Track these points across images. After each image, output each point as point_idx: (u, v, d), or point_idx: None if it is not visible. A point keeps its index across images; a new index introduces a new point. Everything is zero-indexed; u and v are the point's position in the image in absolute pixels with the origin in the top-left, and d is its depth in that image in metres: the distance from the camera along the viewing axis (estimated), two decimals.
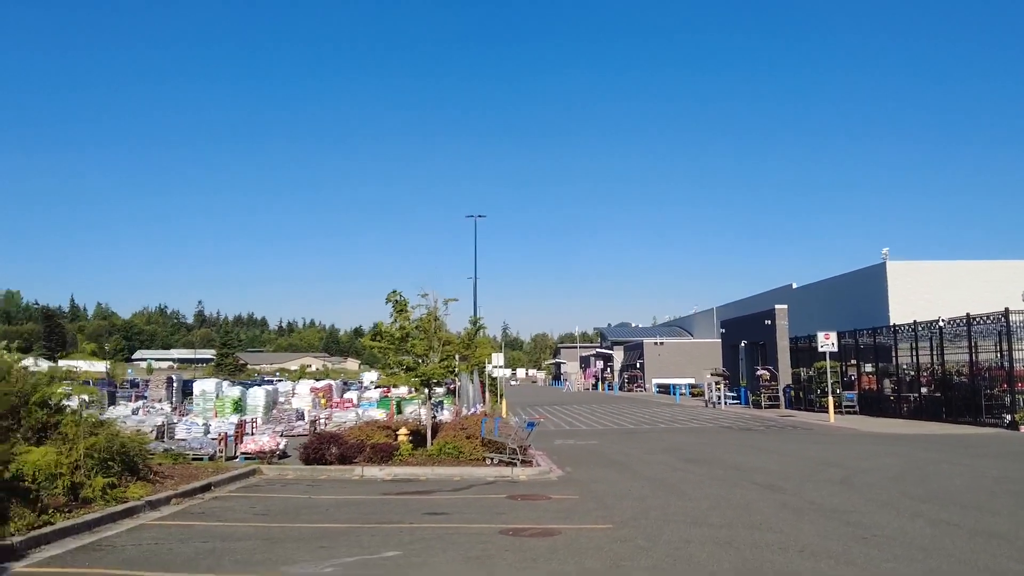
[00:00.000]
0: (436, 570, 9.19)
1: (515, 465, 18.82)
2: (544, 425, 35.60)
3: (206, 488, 15.86)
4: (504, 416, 35.23)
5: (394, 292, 21.19)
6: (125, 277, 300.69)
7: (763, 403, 49.61)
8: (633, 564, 9.51)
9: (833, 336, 39.55)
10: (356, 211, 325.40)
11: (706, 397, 57.95)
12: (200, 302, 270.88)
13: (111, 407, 39.29)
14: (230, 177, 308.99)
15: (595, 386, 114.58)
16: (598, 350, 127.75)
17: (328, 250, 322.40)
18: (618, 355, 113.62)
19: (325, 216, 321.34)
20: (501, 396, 50.24)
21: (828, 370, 40.60)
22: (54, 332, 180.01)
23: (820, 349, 39.55)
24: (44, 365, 19.97)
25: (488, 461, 19.31)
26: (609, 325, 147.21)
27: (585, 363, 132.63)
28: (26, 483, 12.63)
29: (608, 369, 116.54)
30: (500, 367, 52.56)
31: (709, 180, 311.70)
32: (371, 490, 16.26)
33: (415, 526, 12.09)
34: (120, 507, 12.60)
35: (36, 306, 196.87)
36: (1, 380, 14.91)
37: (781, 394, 49.66)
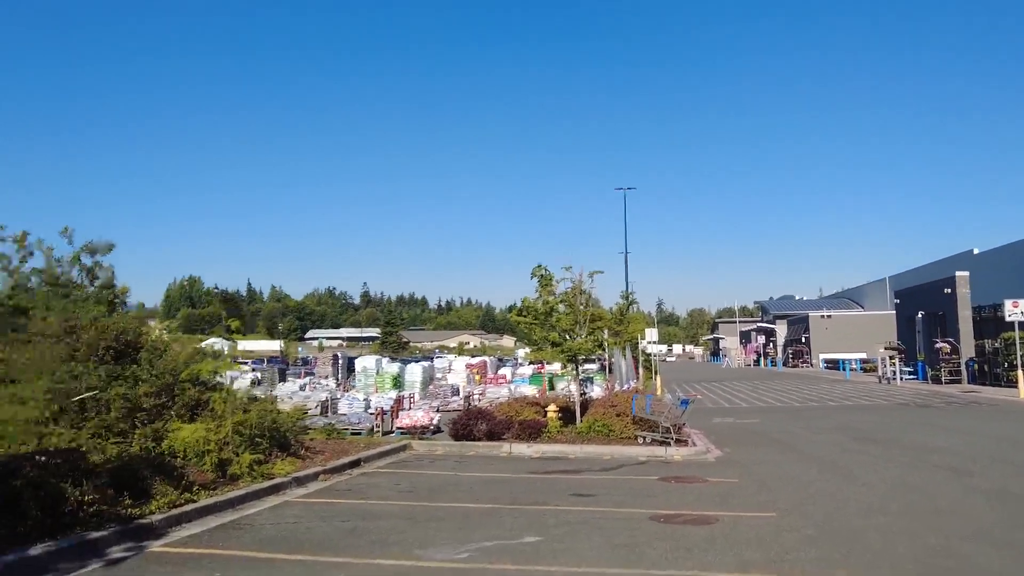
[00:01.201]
0: (578, 559, 8.45)
1: (669, 444, 17.82)
2: (701, 402, 34.19)
3: (355, 464, 15.81)
4: (658, 393, 34.08)
5: (539, 267, 20.54)
6: (297, 261, 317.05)
7: (943, 378, 45.90)
8: (800, 556, 8.45)
9: (1023, 304, 35.85)
10: (510, 188, 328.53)
11: (879, 372, 54.35)
12: (365, 283, 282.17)
13: (281, 383, 41.02)
14: (390, 165, 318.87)
15: (756, 362, 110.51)
16: (759, 324, 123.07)
17: (483, 229, 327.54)
18: (781, 329, 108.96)
19: (479, 196, 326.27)
20: (655, 372, 48.93)
21: (1017, 341, 36.85)
22: (235, 314, 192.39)
23: (1008, 318, 36.00)
24: (224, 346, 20.85)
25: (640, 440, 18.39)
26: (771, 298, 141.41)
27: (745, 338, 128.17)
28: (178, 459, 12.90)
29: (770, 344, 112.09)
30: (654, 343, 51.28)
31: (879, 139, 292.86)
32: (517, 468, 15.74)
33: (559, 508, 11.40)
34: (266, 484, 12.60)
35: (217, 290, 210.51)
36: (158, 358, 15.40)
37: (963, 368, 45.76)
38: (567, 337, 20.47)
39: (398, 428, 21.98)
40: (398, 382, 35.95)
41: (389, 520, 10.59)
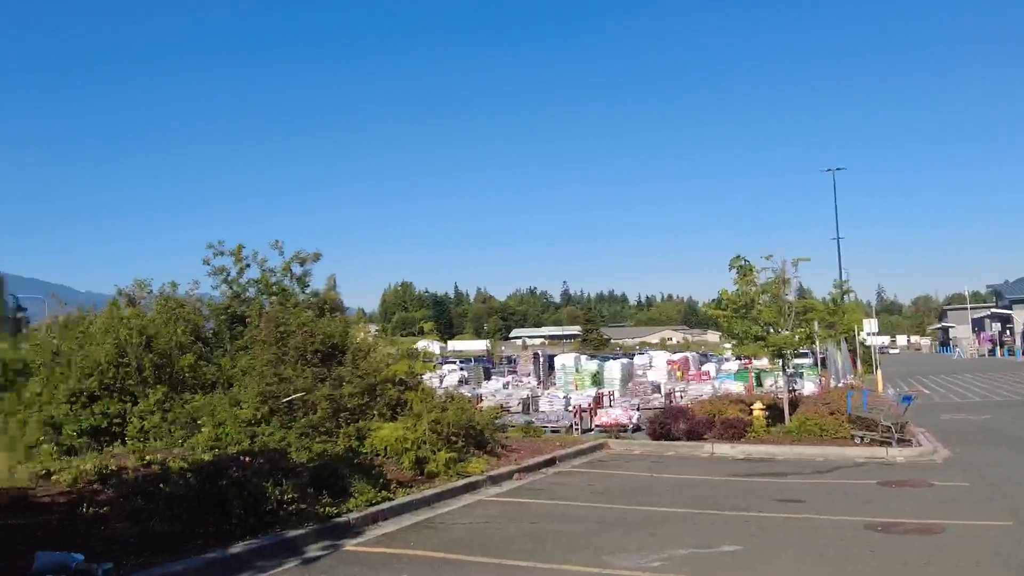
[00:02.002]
0: (781, 572, 7.74)
1: (889, 445, 16.31)
2: (928, 397, 31.39)
3: (550, 463, 15.66)
4: (878, 388, 31.65)
5: (737, 257, 19.48)
6: (500, 263, 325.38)
7: None
8: None
9: None
10: (709, 178, 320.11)
11: None
12: (565, 282, 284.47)
13: (486, 381, 42.04)
14: (588, 165, 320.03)
15: (991, 352, 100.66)
16: (993, 310, 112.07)
17: (683, 222, 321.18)
18: (1019, 316, 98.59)
19: (676, 189, 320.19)
20: (875, 366, 45.60)
21: None
22: (442, 316, 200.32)
23: None
24: (436, 347, 21.67)
25: (856, 440, 16.98)
26: (1006, 281, 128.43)
27: (978, 326, 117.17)
28: (380, 457, 13.26)
29: (1007, 332, 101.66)
30: (873, 334, 47.80)
31: None
32: (718, 470, 14.95)
33: (763, 515, 10.62)
34: (461, 482, 12.68)
35: (427, 294, 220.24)
36: (362, 360, 15.98)
37: None
38: (771, 330, 19.30)
39: (596, 426, 21.72)
40: (597, 379, 35.68)
41: (579, 523, 10.28)
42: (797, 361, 33.99)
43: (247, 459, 10.16)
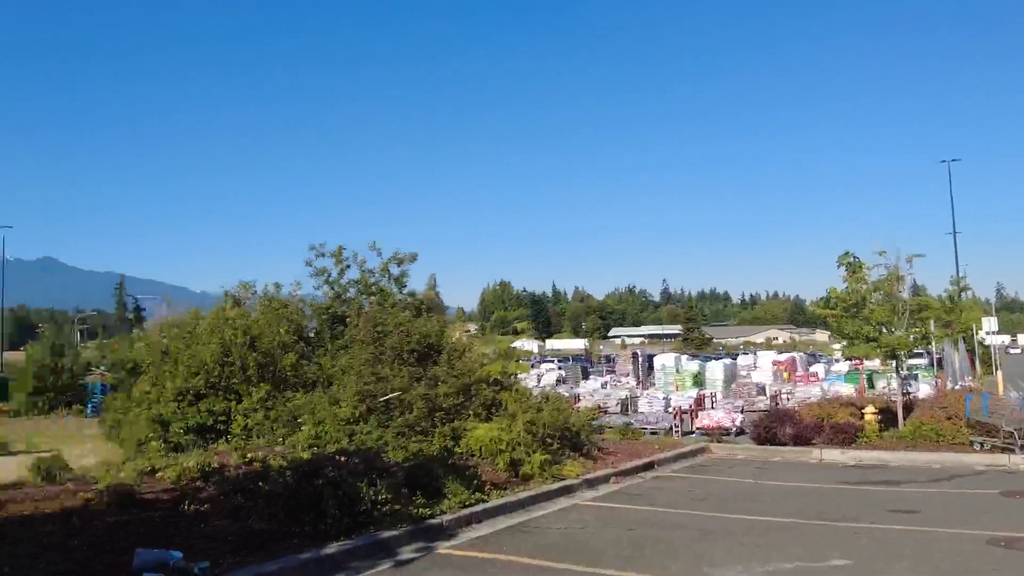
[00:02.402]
0: None
1: (1012, 452, 15.26)
2: None
3: (648, 467, 15.27)
4: (998, 391, 29.85)
5: (846, 254, 18.60)
6: (598, 262, 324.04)
7: None
8: None
9: None
10: (814, 174, 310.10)
11: None
12: (664, 280, 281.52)
13: (584, 381, 41.66)
14: (686, 163, 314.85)
15: None
16: None
17: (788, 218, 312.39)
18: None
19: (779, 184, 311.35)
20: (995, 367, 43.08)
21: None
22: (540, 315, 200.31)
23: None
24: (534, 346, 21.52)
25: (975, 446, 15.96)
26: None
27: None
28: (475, 458, 13.18)
29: None
30: (992, 333, 45.20)
31: None
32: (827, 477, 14.27)
33: (874, 526, 10.01)
34: (556, 485, 12.45)
35: (525, 293, 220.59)
36: (458, 359, 15.96)
37: None
38: (883, 330, 18.35)
39: (697, 429, 21.13)
40: (699, 380, 34.87)
41: (677, 531, 9.91)
42: (911, 362, 32.42)
43: (343, 458, 10.21)
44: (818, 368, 45.60)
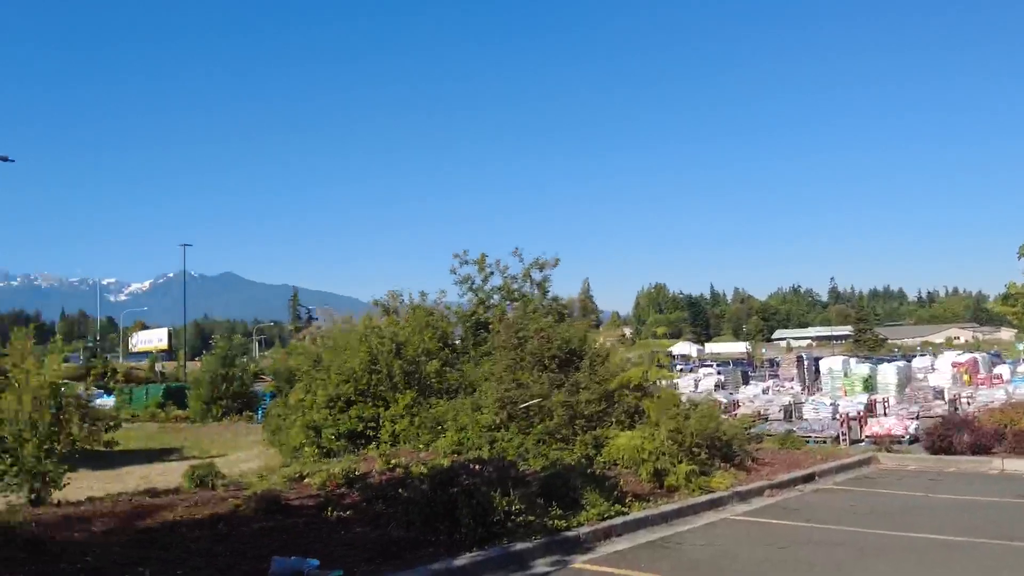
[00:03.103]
0: None
1: None
2: None
3: (808, 478, 14.32)
4: None
5: None
6: (759, 261, 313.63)
7: None
8: None
9: None
10: (991, 158, 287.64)
11: None
12: (832, 278, 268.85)
13: (743, 386, 40.15)
14: (857, 156, 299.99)
15: None
16: None
17: (967, 208, 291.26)
18: None
19: (957, 173, 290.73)
20: None
21: None
22: (699, 318, 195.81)
23: None
24: (692, 350, 20.90)
25: None
26: None
27: None
28: (619, 467, 12.78)
29: None
30: None
31: None
32: (1007, 490, 12.88)
33: None
34: (703, 498, 11.84)
35: (682, 296, 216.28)
36: (601, 364, 15.59)
37: None
38: None
39: (866, 437, 19.79)
40: (869, 384, 32.81)
41: (834, 549, 9.14)
42: None
43: (476, 467, 10.10)
44: (1003, 370, 41.88)
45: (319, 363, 16.57)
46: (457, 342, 18.88)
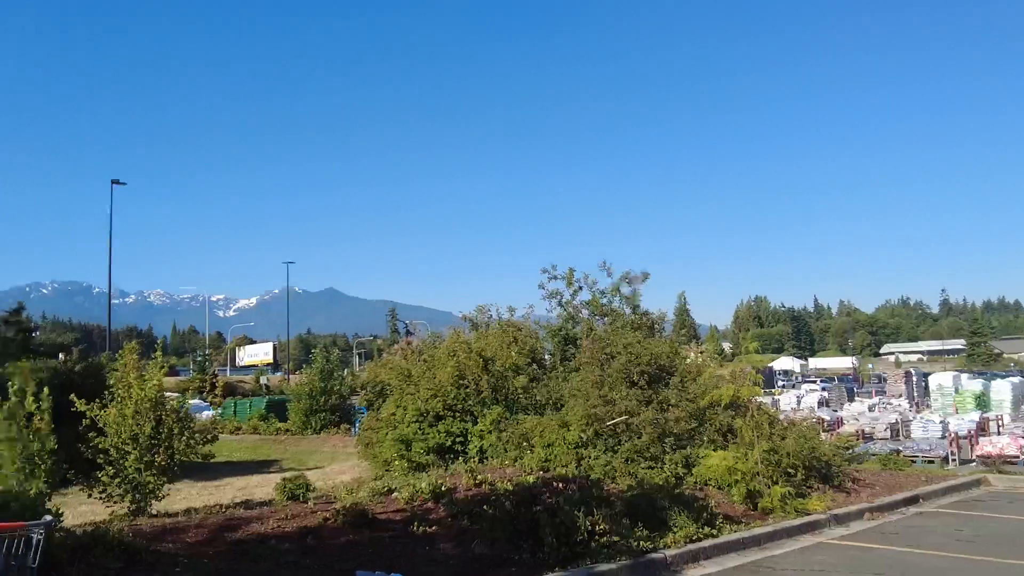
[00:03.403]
0: None
1: None
2: None
3: (911, 501, 13.68)
4: None
5: None
6: (866, 273, 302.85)
7: None
8: None
9: None
10: None
11: None
12: (943, 290, 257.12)
13: (848, 403, 38.76)
14: (961, 162, 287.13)
15: None
16: None
17: None
18: None
19: None
20: None
21: None
22: (801, 332, 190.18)
23: None
24: (795, 365, 20.28)
25: None
26: None
27: None
28: (710, 488, 12.46)
29: None
30: None
31: None
32: None
33: None
34: (798, 520, 11.41)
35: (783, 308, 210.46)
36: (692, 381, 15.27)
37: None
38: None
39: (977, 457, 18.85)
40: (982, 402, 31.21)
41: None
42: None
43: (560, 485, 9.99)
44: None
45: (409, 377, 16.75)
46: (546, 357, 18.81)
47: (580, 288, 19.21)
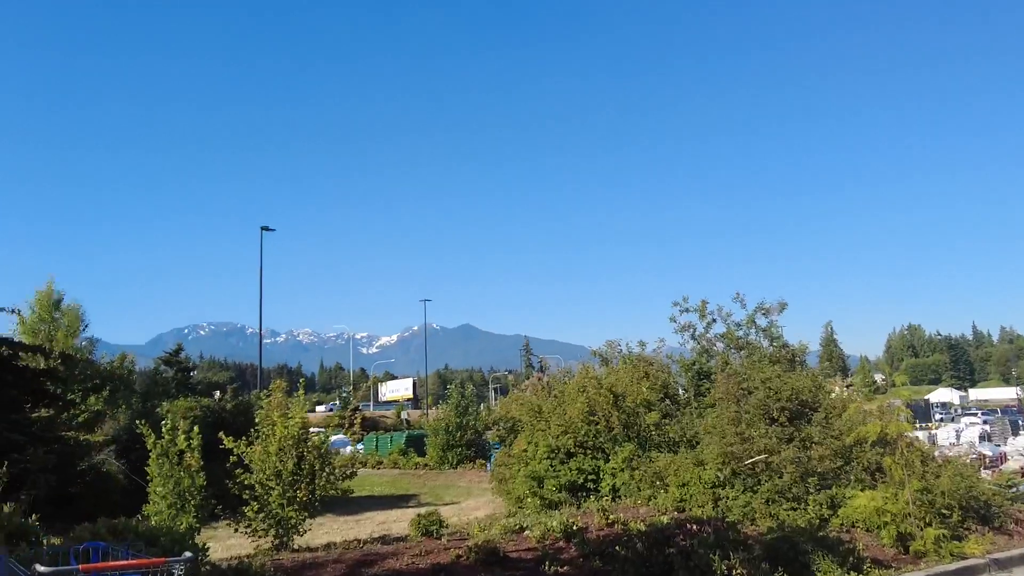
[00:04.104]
0: None
1: None
2: None
3: None
4: None
5: None
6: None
7: None
8: None
9: None
10: None
11: None
12: None
13: (1012, 438, 36.05)
14: None
15: None
16: None
17: None
18: None
19: None
20: None
21: None
22: (960, 361, 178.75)
23: None
24: (955, 396, 19.11)
25: None
26: None
27: None
28: (856, 531, 11.81)
29: None
30: None
31: None
32: None
33: None
34: (954, 565, 10.62)
35: (939, 337, 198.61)
36: (836, 417, 14.56)
37: None
38: None
39: None
40: None
41: None
42: None
43: (694, 527, 9.70)
44: None
45: (539, 413, 16.75)
46: (679, 392, 18.39)
47: (714, 320, 18.67)
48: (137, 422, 12.65)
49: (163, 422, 11.44)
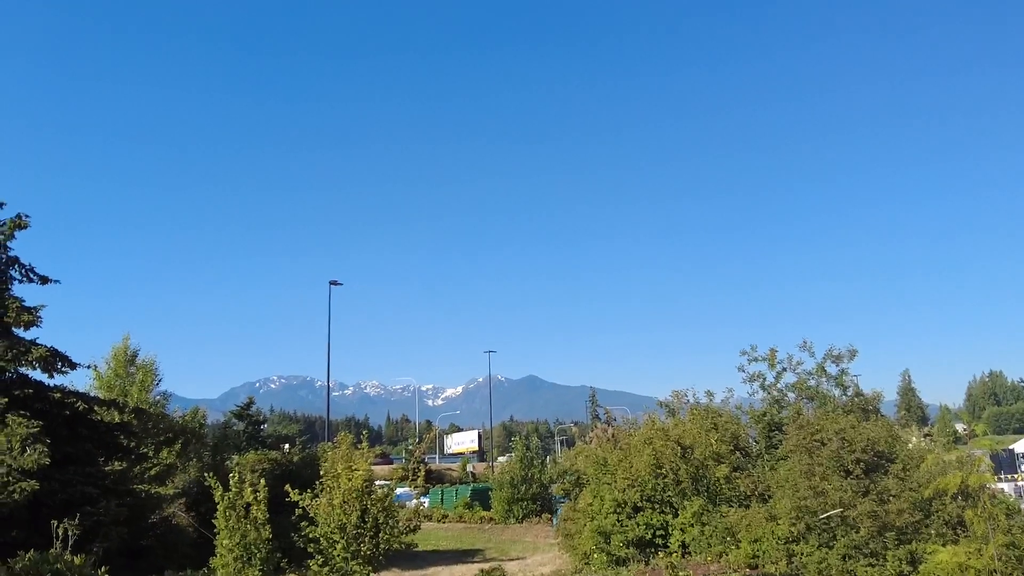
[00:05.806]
0: None
1: None
2: None
3: None
4: None
5: None
6: None
7: None
8: None
9: None
10: None
11: None
12: None
13: None
14: None
15: None
16: None
17: None
18: None
19: None
20: None
21: None
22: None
23: None
24: None
25: None
26: None
27: None
28: None
29: None
30: None
31: None
32: None
33: None
34: None
35: (1021, 384, 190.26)
36: (915, 468, 13.99)
37: None
38: None
39: None
40: None
41: None
42: None
43: None
44: None
45: (605, 466, 16.49)
46: (751, 444, 17.91)
47: (784, 370, 18.21)
48: (206, 475, 12.81)
49: (231, 475, 11.56)
